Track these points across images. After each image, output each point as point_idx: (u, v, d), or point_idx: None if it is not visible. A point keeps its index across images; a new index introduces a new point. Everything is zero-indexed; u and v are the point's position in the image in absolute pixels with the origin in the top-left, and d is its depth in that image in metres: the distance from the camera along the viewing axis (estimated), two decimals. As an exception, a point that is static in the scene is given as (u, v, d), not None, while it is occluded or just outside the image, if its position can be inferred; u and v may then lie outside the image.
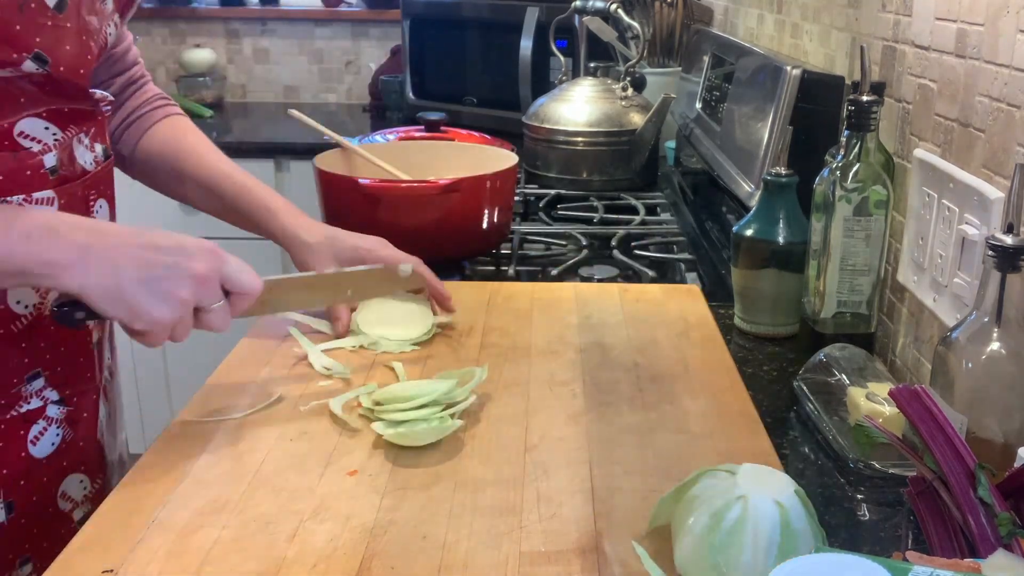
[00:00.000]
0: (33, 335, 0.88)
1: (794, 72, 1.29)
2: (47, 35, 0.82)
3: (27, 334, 0.87)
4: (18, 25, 0.80)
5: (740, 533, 0.64)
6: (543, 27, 2.30)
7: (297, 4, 3.21)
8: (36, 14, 0.81)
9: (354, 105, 3.23)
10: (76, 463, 0.95)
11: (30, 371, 0.89)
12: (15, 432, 0.88)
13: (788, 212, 1.13)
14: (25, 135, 0.85)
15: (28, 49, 0.81)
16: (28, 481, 0.89)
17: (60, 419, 0.92)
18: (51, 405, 0.91)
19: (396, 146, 1.66)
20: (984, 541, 0.62)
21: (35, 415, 0.90)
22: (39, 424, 0.90)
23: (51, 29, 0.82)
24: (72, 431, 0.93)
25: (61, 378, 0.92)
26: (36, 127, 0.85)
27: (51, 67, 0.83)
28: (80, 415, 0.95)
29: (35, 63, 0.82)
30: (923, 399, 0.70)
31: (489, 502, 0.77)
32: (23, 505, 0.89)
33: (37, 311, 0.87)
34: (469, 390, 0.91)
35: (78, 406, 0.94)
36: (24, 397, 0.88)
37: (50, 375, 0.90)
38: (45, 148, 0.86)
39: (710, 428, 0.89)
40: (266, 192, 1.11)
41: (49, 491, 0.92)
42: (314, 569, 0.68)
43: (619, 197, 1.76)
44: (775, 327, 1.15)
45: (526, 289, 1.26)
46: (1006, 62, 0.85)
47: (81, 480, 0.95)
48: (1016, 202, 0.72)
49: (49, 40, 0.82)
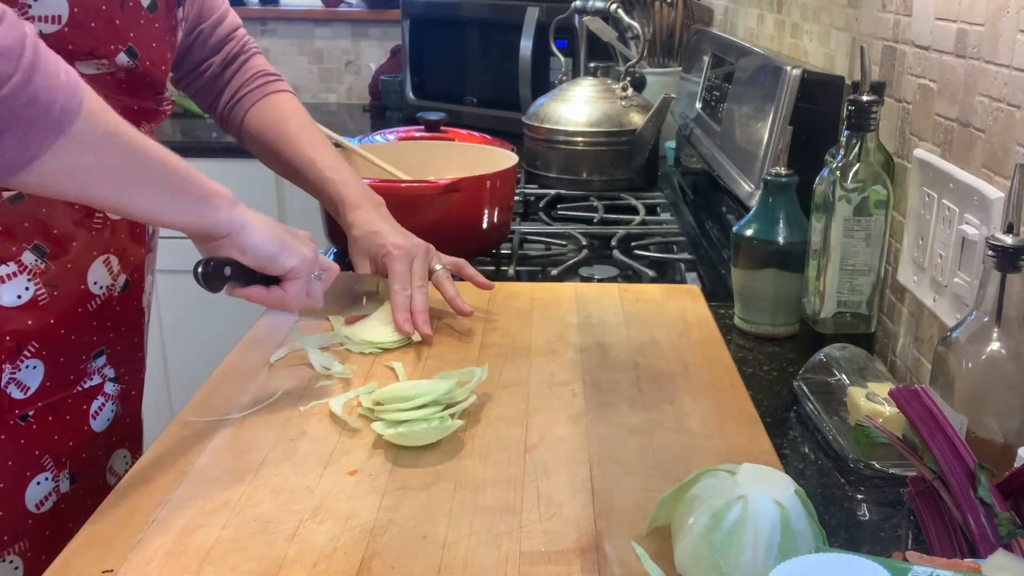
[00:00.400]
0: (102, 315, 0.95)
1: (794, 72, 1.29)
2: (140, 31, 0.90)
3: (98, 313, 0.94)
4: (118, 20, 0.88)
5: (740, 533, 0.64)
6: (543, 27, 2.30)
7: (297, 4, 3.21)
8: (133, 12, 0.89)
9: (354, 105, 3.23)
10: (123, 438, 1.02)
11: (96, 348, 0.95)
12: (79, 407, 0.94)
13: (788, 212, 1.13)
14: None
15: (123, 42, 0.89)
16: (88, 454, 0.96)
17: (115, 396, 0.99)
18: (108, 382, 0.98)
19: (396, 146, 1.66)
20: (984, 541, 0.62)
21: (95, 391, 0.96)
22: (99, 400, 0.97)
23: (143, 27, 0.91)
24: (122, 408, 1.00)
25: (119, 357, 0.99)
26: None
27: (139, 61, 0.91)
28: (130, 392, 1.02)
29: (127, 56, 0.89)
30: (923, 399, 0.70)
31: (489, 502, 0.77)
32: (83, 477, 0.95)
33: (108, 292, 0.95)
34: (469, 390, 0.91)
35: (129, 384, 1.01)
36: (88, 373, 0.95)
37: (111, 353, 0.98)
38: None
39: (710, 428, 0.89)
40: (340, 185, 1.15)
41: (102, 464, 0.99)
42: (314, 569, 0.68)
43: (619, 197, 1.76)
44: (775, 327, 1.15)
45: (526, 289, 1.26)
46: (1006, 62, 0.85)
47: (124, 455, 1.02)
48: (1016, 202, 0.72)
49: (141, 36, 0.90)
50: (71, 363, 0.92)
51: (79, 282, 0.91)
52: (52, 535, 0.92)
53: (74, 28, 0.83)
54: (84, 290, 0.92)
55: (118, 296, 0.96)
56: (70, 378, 0.93)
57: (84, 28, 0.84)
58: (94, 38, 0.85)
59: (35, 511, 0.91)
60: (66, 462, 0.93)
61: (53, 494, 0.92)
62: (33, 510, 0.91)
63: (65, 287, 0.90)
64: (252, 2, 3.21)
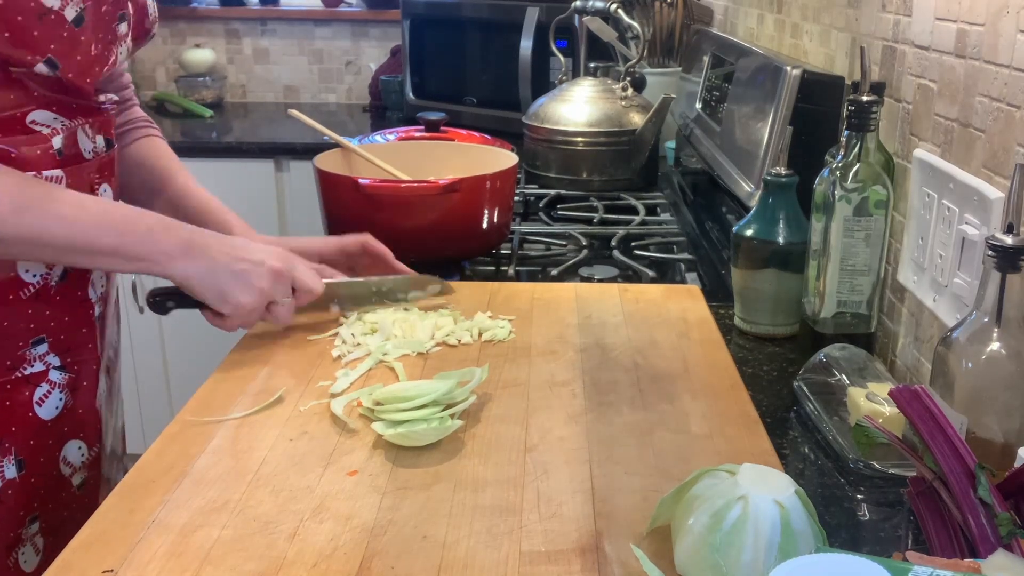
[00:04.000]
0: (38, 303, 0.95)
1: (794, 72, 1.29)
2: (61, 44, 0.91)
3: (34, 300, 0.95)
4: (36, 31, 0.89)
5: (740, 533, 0.64)
6: (543, 27, 2.30)
7: (297, 4, 3.21)
8: (54, 24, 0.90)
9: (354, 105, 3.23)
10: (76, 429, 1.01)
11: (35, 336, 0.96)
12: (21, 392, 0.95)
13: (788, 212, 1.13)
14: (36, 122, 0.93)
15: (42, 53, 0.90)
16: (36, 441, 0.96)
17: (62, 384, 0.98)
18: (53, 370, 0.98)
19: (396, 146, 1.66)
20: (984, 541, 0.62)
21: (38, 378, 0.96)
22: (43, 387, 0.97)
23: (66, 39, 0.91)
24: (72, 398, 1.00)
25: (63, 346, 0.99)
26: (46, 116, 0.94)
27: (60, 72, 0.92)
28: (80, 383, 1.01)
29: (46, 67, 0.91)
30: (923, 399, 0.70)
31: (489, 502, 0.77)
32: (33, 465, 0.96)
33: (44, 280, 0.95)
34: (469, 390, 0.91)
35: (79, 374, 1.01)
36: (28, 360, 0.95)
37: (53, 342, 0.97)
38: (53, 131, 0.95)
39: (710, 428, 0.89)
40: (226, 214, 1.17)
41: (53, 454, 0.98)
42: (314, 569, 0.68)
43: (619, 197, 1.76)
44: (775, 327, 1.15)
45: (526, 289, 1.26)
46: (1006, 62, 0.85)
47: (80, 447, 1.02)
48: (1016, 202, 0.72)
49: (62, 49, 0.91)
50: (6, 348, 0.94)
51: (8, 270, 0.93)
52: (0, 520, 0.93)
53: None
54: (14, 278, 0.93)
55: (56, 285, 0.97)
56: (7, 363, 0.94)
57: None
58: (8, 48, 0.88)
59: None
60: (10, 447, 0.94)
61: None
62: None
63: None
64: (252, 2, 3.21)
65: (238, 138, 2.75)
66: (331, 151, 1.46)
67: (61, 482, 1.00)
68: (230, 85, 3.25)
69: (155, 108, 3.05)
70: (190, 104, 2.99)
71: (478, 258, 1.43)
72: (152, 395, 2.62)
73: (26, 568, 0.96)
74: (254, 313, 0.99)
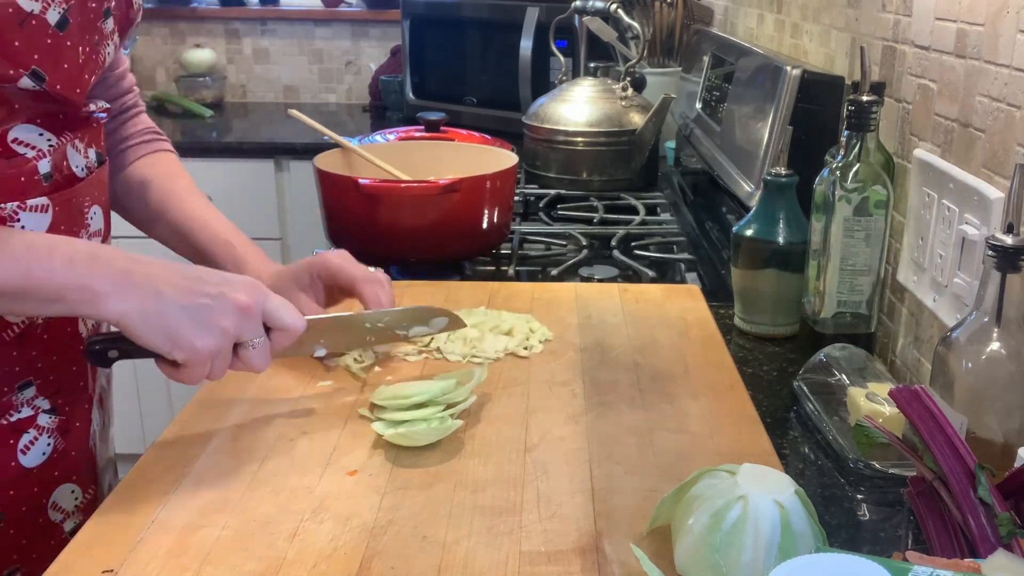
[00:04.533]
0: (24, 343, 0.86)
1: (794, 72, 1.29)
2: (46, 52, 0.81)
3: (18, 342, 0.86)
4: (17, 41, 0.78)
5: (740, 533, 0.64)
6: (543, 27, 2.30)
7: (297, 4, 3.21)
8: (36, 31, 0.80)
9: (354, 105, 3.23)
10: (68, 473, 0.93)
11: (21, 380, 0.87)
12: (5, 441, 0.86)
13: (788, 212, 1.13)
14: (19, 141, 0.83)
15: (26, 66, 0.80)
16: (17, 491, 0.88)
17: (51, 428, 0.90)
18: (42, 414, 0.89)
19: (396, 146, 1.66)
20: (984, 541, 0.62)
21: (26, 424, 0.88)
22: (30, 433, 0.88)
23: (50, 47, 0.82)
24: (64, 440, 0.92)
25: (53, 387, 0.90)
26: (30, 133, 0.84)
27: (47, 84, 0.82)
28: (72, 424, 0.93)
29: (32, 80, 0.81)
30: (923, 399, 0.70)
31: (489, 502, 0.77)
32: (12, 515, 0.88)
33: (29, 320, 0.86)
34: (469, 390, 0.91)
35: (70, 415, 0.92)
36: (15, 406, 0.87)
37: (41, 384, 0.89)
38: (39, 154, 0.84)
39: (710, 428, 0.89)
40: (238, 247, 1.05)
41: (39, 501, 0.90)
42: (314, 569, 0.68)
43: (619, 197, 1.76)
44: (775, 327, 1.15)
45: (526, 289, 1.26)
46: (1006, 62, 0.85)
47: (72, 490, 0.94)
48: (1016, 202, 0.72)
49: (48, 57, 0.81)
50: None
51: None
52: None
53: None
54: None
55: (43, 323, 0.87)
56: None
57: None
58: None
59: None
60: None
61: None
62: None
63: None
64: (252, 2, 3.21)
65: (238, 138, 2.75)
66: (331, 151, 1.46)
67: (49, 529, 0.91)
68: (230, 85, 3.25)
69: (155, 108, 3.05)
70: (190, 104, 2.99)
71: (478, 258, 1.43)
72: (152, 395, 2.62)
73: None
74: (218, 359, 0.80)
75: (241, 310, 0.80)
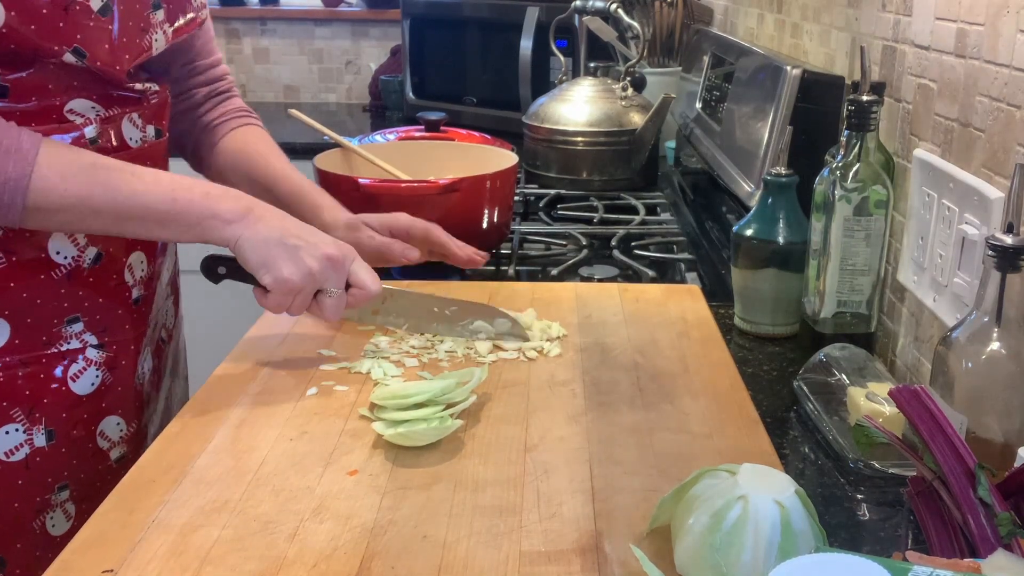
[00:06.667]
0: (71, 283, 0.97)
1: (794, 72, 1.29)
2: (88, 33, 0.92)
3: (65, 282, 0.96)
4: (61, 23, 0.90)
5: (740, 533, 0.64)
6: (543, 27, 2.30)
7: (297, 4, 3.21)
8: (80, 15, 0.92)
9: (354, 105, 3.23)
10: (114, 406, 1.03)
11: (69, 315, 0.97)
12: (53, 367, 0.97)
13: (788, 212, 1.13)
14: (73, 111, 0.95)
15: (68, 44, 0.91)
16: (69, 414, 0.98)
17: (100, 362, 1.00)
18: (90, 348, 0.99)
19: (396, 146, 1.66)
20: (984, 541, 0.62)
21: (74, 354, 0.98)
22: (79, 363, 0.98)
23: (92, 29, 0.93)
24: (111, 375, 1.02)
25: (100, 325, 1.00)
26: (84, 106, 0.96)
27: (88, 61, 0.93)
28: (118, 362, 1.02)
29: (74, 56, 0.92)
30: (923, 399, 0.70)
31: (489, 502, 0.77)
32: (64, 436, 0.98)
33: (75, 262, 0.97)
34: (469, 390, 0.91)
35: (117, 353, 1.02)
36: (64, 337, 0.97)
37: (88, 321, 0.99)
38: (86, 121, 0.96)
39: (710, 428, 0.89)
40: (319, 196, 1.19)
41: (89, 427, 1.00)
42: (314, 569, 0.68)
43: (619, 197, 1.76)
44: (775, 327, 1.15)
45: (526, 289, 1.26)
46: (1006, 62, 0.85)
47: (118, 422, 1.03)
48: (1016, 202, 0.72)
49: (89, 38, 0.93)
50: (40, 326, 0.95)
51: (38, 250, 0.94)
52: (25, 484, 0.95)
53: (12, 30, 0.87)
54: (45, 258, 0.94)
55: (88, 268, 0.98)
56: (42, 339, 0.96)
57: (23, 30, 0.88)
58: (36, 39, 0.89)
59: (4, 459, 0.94)
60: (40, 418, 0.96)
61: (25, 445, 0.95)
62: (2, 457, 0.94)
63: (24, 254, 0.93)
64: (252, 2, 3.21)
65: (238, 138, 2.74)
66: (331, 151, 1.46)
67: (98, 455, 1.01)
68: (230, 85, 3.24)
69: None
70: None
71: (478, 258, 1.43)
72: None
73: (54, 532, 0.98)
74: (299, 295, 0.95)
75: (328, 259, 0.95)
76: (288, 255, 0.94)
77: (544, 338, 1.08)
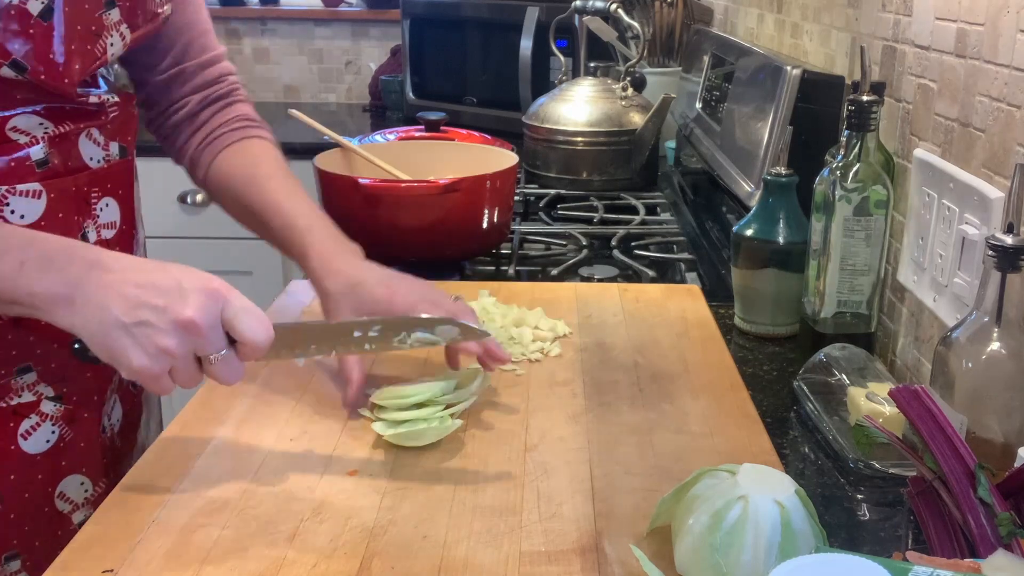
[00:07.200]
0: (20, 329, 0.86)
1: (794, 72, 1.29)
2: (28, 42, 0.82)
3: (12, 327, 0.86)
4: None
5: (740, 533, 0.64)
6: (543, 27, 2.30)
7: (297, 4, 3.21)
8: (15, 20, 0.80)
9: (354, 105, 3.23)
10: (77, 464, 0.93)
11: (19, 364, 0.87)
12: (5, 424, 0.87)
13: (788, 212, 1.13)
14: (17, 129, 0.84)
15: (5, 56, 0.81)
16: (19, 476, 0.88)
17: (56, 416, 0.90)
18: (46, 401, 0.89)
19: (396, 146, 1.66)
20: (984, 541, 0.62)
21: (27, 409, 0.88)
22: (31, 419, 0.89)
23: (33, 36, 0.82)
24: (71, 430, 0.92)
25: (56, 374, 0.89)
26: (30, 122, 0.85)
27: (30, 74, 0.82)
28: (79, 414, 0.92)
29: (12, 70, 0.81)
30: (923, 399, 0.70)
31: (489, 502, 0.77)
32: (13, 500, 0.88)
33: None
34: (472, 391, 0.91)
35: (77, 405, 0.92)
36: (14, 390, 0.87)
37: (43, 370, 0.88)
38: (32, 141, 0.85)
39: (710, 428, 0.89)
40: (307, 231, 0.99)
41: (45, 489, 0.90)
42: (314, 569, 0.68)
43: (619, 197, 1.76)
44: (775, 327, 1.15)
45: (526, 289, 1.26)
46: (1006, 62, 0.85)
47: (82, 482, 0.93)
48: (1016, 202, 0.72)
49: (30, 48, 0.82)
50: None
51: None
52: None
53: None
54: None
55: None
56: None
57: None
58: None
59: None
60: None
61: None
62: None
63: None
64: (252, 2, 3.21)
65: (238, 138, 2.74)
66: (331, 151, 1.46)
67: (56, 519, 0.92)
68: (230, 85, 3.24)
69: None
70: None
71: (478, 258, 1.43)
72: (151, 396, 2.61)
73: None
74: (178, 374, 0.75)
75: (185, 327, 0.72)
76: (132, 339, 0.72)
77: (552, 337, 1.08)
